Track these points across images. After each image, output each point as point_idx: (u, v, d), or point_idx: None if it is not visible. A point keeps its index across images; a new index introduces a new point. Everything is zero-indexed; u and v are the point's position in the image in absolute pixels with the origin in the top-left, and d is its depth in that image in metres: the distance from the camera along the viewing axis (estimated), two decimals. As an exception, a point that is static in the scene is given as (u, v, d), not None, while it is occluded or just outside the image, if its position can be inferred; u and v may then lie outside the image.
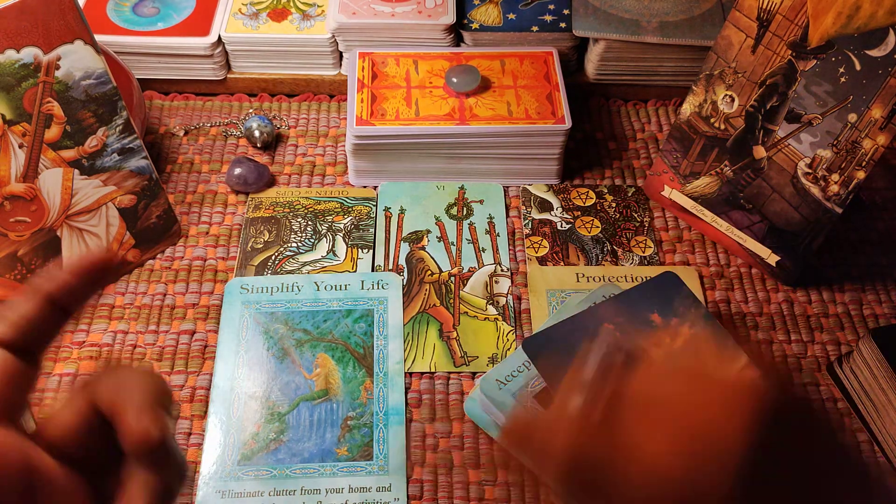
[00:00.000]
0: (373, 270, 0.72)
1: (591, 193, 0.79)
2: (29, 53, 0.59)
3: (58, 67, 0.61)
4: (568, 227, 0.76)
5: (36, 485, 0.28)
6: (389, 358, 0.66)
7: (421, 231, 0.75)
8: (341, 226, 0.75)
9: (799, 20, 0.62)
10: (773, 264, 0.72)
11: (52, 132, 0.63)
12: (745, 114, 0.68)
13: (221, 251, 0.73)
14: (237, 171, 0.77)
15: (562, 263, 0.73)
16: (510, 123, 0.75)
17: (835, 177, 0.64)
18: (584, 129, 0.85)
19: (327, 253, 0.73)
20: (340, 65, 0.87)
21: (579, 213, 0.77)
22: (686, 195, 0.75)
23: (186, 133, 0.83)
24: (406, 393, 0.64)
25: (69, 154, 0.64)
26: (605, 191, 0.79)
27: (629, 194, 0.79)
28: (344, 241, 0.74)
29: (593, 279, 0.72)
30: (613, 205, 0.78)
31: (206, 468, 0.60)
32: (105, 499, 0.30)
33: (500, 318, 0.69)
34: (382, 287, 0.70)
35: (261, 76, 0.86)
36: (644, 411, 0.31)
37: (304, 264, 0.72)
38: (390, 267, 0.72)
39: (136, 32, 0.83)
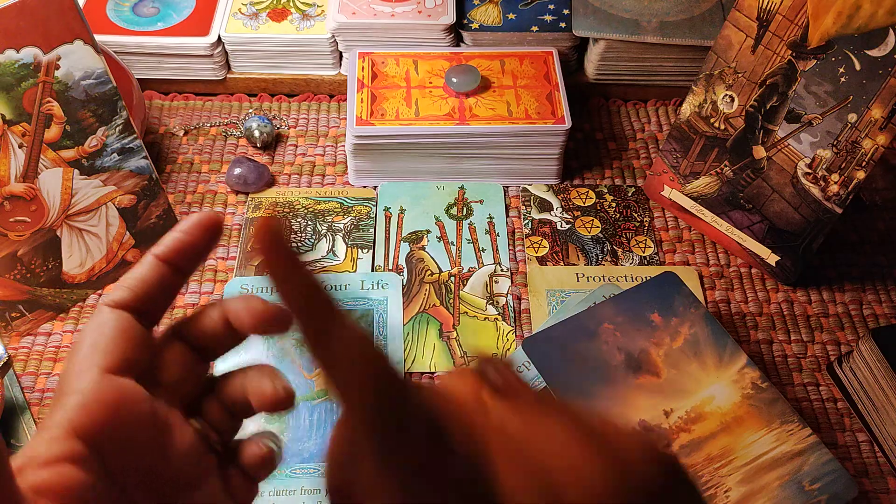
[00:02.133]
0: (373, 270, 0.72)
1: (591, 193, 0.79)
2: (29, 53, 0.59)
3: (58, 67, 0.61)
4: (568, 226, 0.76)
5: (163, 433, 0.30)
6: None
7: (421, 231, 0.75)
8: (341, 226, 0.75)
9: (799, 20, 0.62)
10: (773, 264, 0.72)
11: (52, 132, 0.63)
12: (745, 114, 0.68)
13: (221, 251, 0.73)
14: (237, 171, 0.77)
15: (562, 263, 0.73)
16: (510, 123, 0.75)
17: (835, 177, 0.64)
18: (584, 129, 0.85)
19: (327, 253, 0.73)
20: (340, 65, 0.87)
21: (579, 213, 0.77)
22: (686, 195, 0.75)
23: (186, 133, 0.83)
24: (406, 393, 0.64)
25: (69, 154, 0.64)
26: (605, 191, 0.79)
27: (629, 194, 0.79)
28: (344, 241, 0.74)
29: (593, 279, 0.72)
30: (613, 205, 0.78)
31: (205, 468, 0.60)
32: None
33: (499, 318, 0.69)
34: (382, 287, 0.70)
35: (260, 76, 0.86)
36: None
37: (304, 264, 0.72)
38: (390, 267, 0.72)
39: (135, 32, 0.83)
